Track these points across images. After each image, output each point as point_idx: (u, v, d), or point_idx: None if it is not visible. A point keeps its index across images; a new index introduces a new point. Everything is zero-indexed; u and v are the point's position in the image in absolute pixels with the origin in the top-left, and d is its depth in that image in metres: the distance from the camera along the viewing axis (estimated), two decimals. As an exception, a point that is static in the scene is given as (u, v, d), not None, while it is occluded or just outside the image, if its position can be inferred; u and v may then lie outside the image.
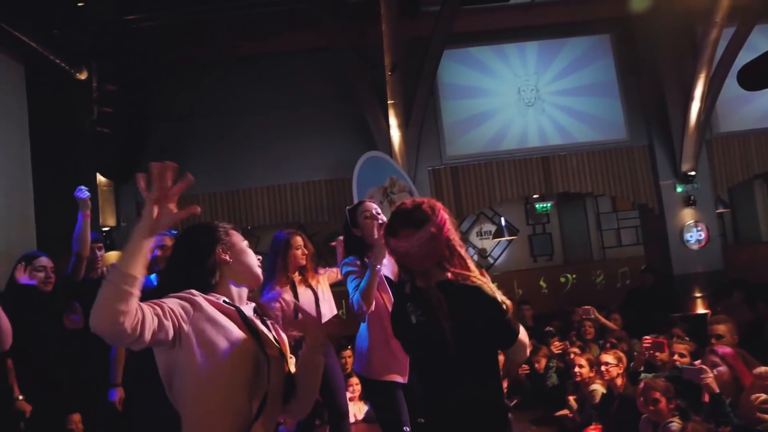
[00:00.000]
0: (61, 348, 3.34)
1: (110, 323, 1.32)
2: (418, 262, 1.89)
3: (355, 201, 6.81)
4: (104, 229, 6.91)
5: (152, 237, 1.47)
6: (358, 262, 2.96)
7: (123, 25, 5.97)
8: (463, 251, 1.93)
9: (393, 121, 7.02)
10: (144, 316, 1.38)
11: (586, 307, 5.54)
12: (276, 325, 1.77)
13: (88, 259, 3.81)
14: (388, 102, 6.94)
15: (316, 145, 7.47)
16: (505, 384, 5.25)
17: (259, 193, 7.49)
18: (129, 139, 6.03)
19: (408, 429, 2.81)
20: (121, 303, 1.33)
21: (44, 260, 3.40)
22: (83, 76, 6.39)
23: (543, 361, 5.37)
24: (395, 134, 7.08)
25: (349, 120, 7.44)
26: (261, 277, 1.79)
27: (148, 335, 1.39)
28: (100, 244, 4.04)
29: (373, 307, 2.84)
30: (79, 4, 5.87)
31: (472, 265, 1.92)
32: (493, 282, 1.98)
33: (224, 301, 1.64)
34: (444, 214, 1.92)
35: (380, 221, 2.90)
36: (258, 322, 1.69)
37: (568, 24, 7.75)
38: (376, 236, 2.79)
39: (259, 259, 1.81)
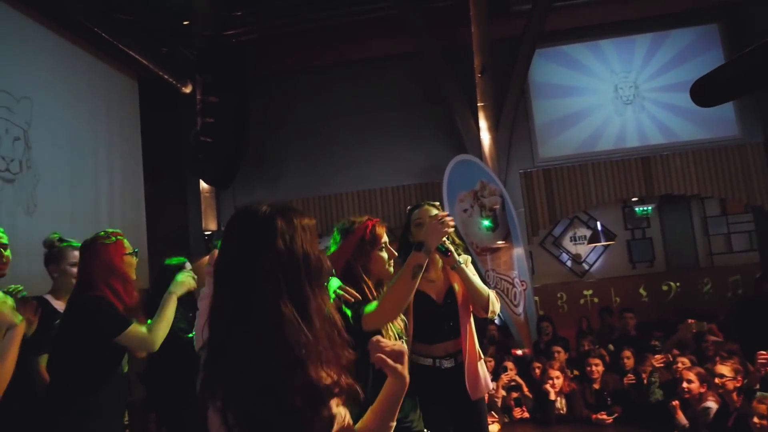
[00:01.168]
0: None
1: None
2: None
3: (446, 206, 6.80)
4: (206, 233, 7.33)
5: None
6: None
7: (223, 40, 6.32)
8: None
9: (483, 124, 6.93)
10: None
11: (701, 321, 5.16)
12: None
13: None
14: (478, 104, 6.86)
15: (406, 149, 7.52)
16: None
17: (350, 198, 7.64)
18: (229, 148, 6.36)
19: None
20: None
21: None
22: (188, 89, 6.82)
23: (648, 370, 5.06)
24: (485, 137, 6.97)
25: (438, 123, 7.43)
26: None
27: None
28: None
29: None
30: (184, 23, 6.29)
31: None
32: (588, 289, 1.91)
33: None
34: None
35: None
36: None
37: (670, 15, 7.30)
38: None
39: None
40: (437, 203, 2.75)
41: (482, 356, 2.67)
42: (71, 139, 5.39)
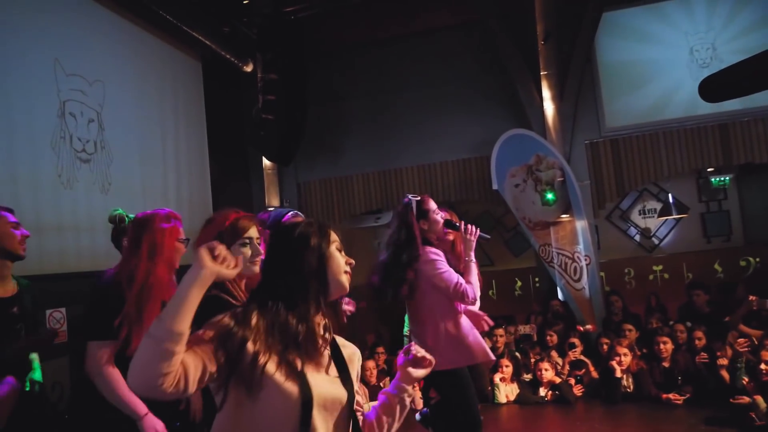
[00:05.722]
0: None
1: (149, 386, 1.15)
2: None
3: (494, 181, 6.68)
4: (269, 209, 7.49)
5: (205, 287, 1.23)
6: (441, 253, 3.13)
7: (282, 17, 6.35)
8: None
9: (546, 94, 6.70)
10: (186, 371, 1.19)
11: (763, 299, 4.86)
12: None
13: None
14: (541, 73, 6.63)
15: (467, 122, 7.39)
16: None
17: (410, 172, 7.60)
18: (290, 125, 6.44)
19: None
20: (162, 364, 1.14)
21: None
22: (249, 68, 6.92)
23: (727, 350, 4.81)
24: (548, 107, 6.75)
25: (499, 95, 7.24)
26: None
27: (192, 388, 1.21)
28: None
29: None
30: (244, 2, 6.36)
31: None
32: (657, 264, 1.82)
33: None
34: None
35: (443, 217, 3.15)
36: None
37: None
38: (443, 234, 3.17)
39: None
40: None
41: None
42: (141, 120, 5.61)
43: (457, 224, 3.13)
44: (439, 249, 3.09)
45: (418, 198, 3.11)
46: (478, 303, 3.12)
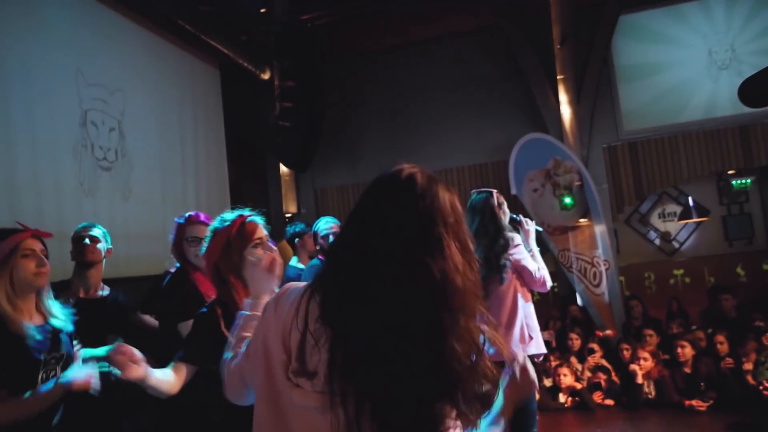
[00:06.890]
0: None
1: None
2: None
3: (512, 186, 6.66)
4: (287, 215, 7.54)
5: None
6: None
7: (299, 24, 6.41)
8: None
9: (563, 97, 6.66)
10: None
11: None
12: None
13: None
14: (558, 77, 6.60)
15: (483, 126, 7.37)
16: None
17: (426, 177, 7.58)
18: (307, 132, 6.49)
19: None
20: None
21: None
22: (266, 75, 6.99)
23: (753, 356, 4.73)
24: (565, 111, 6.71)
25: (516, 99, 7.22)
26: None
27: None
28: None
29: None
30: (262, 11, 6.43)
31: None
32: (678, 269, 1.80)
33: None
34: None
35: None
36: None
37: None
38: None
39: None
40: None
41: None
42: (160, 128, 5.69)
43: (518, 218, 3.34)
44: None
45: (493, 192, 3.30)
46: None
